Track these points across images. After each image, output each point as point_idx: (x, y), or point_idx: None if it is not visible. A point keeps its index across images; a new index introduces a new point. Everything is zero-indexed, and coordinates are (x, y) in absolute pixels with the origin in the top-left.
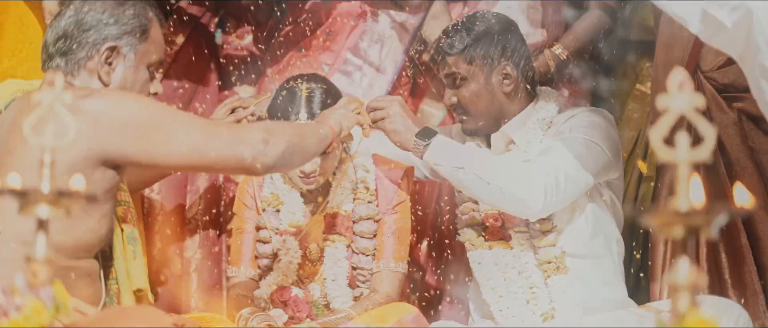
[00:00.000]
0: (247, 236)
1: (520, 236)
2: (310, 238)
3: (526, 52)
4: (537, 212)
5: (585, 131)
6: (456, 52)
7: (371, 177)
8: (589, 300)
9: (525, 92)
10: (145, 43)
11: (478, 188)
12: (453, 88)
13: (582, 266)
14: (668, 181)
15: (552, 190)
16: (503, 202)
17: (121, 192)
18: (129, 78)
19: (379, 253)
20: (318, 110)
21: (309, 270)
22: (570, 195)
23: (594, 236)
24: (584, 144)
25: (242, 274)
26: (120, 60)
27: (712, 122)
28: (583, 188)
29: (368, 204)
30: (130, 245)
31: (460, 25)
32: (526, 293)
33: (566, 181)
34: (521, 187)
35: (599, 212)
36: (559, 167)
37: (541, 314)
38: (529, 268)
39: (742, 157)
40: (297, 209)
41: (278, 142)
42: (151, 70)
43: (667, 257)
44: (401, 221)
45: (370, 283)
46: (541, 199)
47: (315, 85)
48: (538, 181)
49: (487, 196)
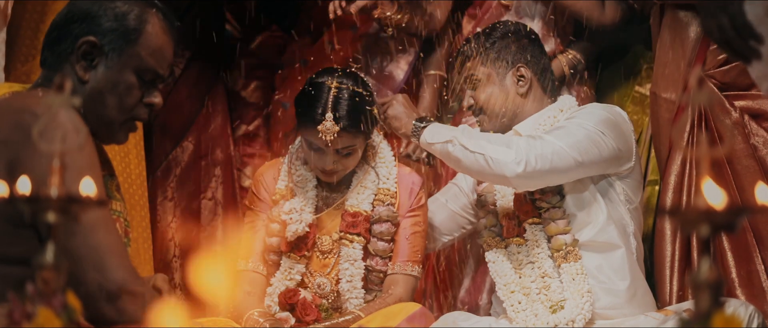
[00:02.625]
0: (258, 230)
1: (534, 227)
2: (323, 230)
3: (544, 58)
4: (518, 176)
5: (585, 118)
6: (474, 56)
7: (393, 179)
8: (599, 289)
9: (542, 95)
10: (135, 46)
11: (466, 157)
12: (471, 90)
13: (594, 254)
14: (673, 183)
15: (535, 157)
16: (488, 169)
17: (114, 202)
18: (110, 79)
19: (395, 255)
20: (343, 112)
21: (319, 263)
22: (556, 167)
23: (607, 226)
24: (578, 126)
25: (251, 268)
26: (102, 58)
27: (716, 121)
28: (573, 166)
29: (388, 206)
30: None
31: (481, 32)
32: (537, 283)
33: (553, 153)
34: (504, 152)
35: (612, 204)
36: (547, 140)
37: (550, 305)
38: (541, 258)
39: (744, 155)
40: (310, 202)
41: None
42: (143, 77)
43: (676, 258)
44: (418, 224)
45: (383, 285)
46: (523, 163)
47: (345, 84)
48: (521, 147)
49: (473, 164)
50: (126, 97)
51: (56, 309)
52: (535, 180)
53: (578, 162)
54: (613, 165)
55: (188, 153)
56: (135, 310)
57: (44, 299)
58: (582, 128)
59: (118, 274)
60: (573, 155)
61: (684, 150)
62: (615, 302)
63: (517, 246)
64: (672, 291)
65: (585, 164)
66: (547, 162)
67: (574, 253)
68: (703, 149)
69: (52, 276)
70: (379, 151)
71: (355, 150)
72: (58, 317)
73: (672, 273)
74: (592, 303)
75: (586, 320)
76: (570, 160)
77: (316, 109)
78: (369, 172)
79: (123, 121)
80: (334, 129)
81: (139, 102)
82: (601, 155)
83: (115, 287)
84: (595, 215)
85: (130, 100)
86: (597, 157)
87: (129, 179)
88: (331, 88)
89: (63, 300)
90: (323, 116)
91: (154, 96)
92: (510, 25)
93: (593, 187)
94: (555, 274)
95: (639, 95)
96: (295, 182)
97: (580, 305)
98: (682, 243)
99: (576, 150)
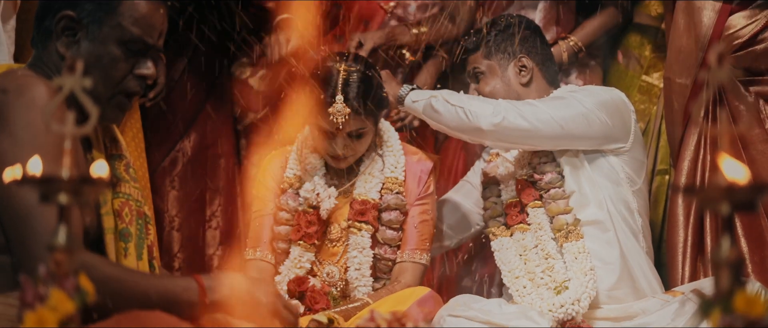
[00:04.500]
0: (266, 219)
1: (536, 210)
2: (331, 218)
3: (545, 49)
4: (494, 126)
5: (583, 94)
6: (476, 49)
7: (401, 167)
8: (604, 269)
9: (544, 85)
10: (115, 17)
11: (446, 111)
12: (475, 83)
13: (596, 233)
14: (686, 168)
15: (515, 115)
16: (466, 121)
17: (123, 183)
18: (92, 54)
19: (403, 244)
20: (353, 94)
21: (328, 251)
22: (537, 130)
23: (610, 206)
24: (574, 98)
25: (259, 257)
26: (83, 32)
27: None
28: (557, 134)
29: (397, 195)
30: (122, 241)
31: (483, 25)
32: (541, 264)
33: (535, 116)
34: (483, 107)
35: (614, 184)
36: (534, 104)
37: (555, 287)
38: (544, 240)
39: (760, 140)
40: (320, 190)
41: None
42: (130, 48)
43: (688, 244)
44: (427, 213)
45: (391, 274)
46: (500, 116)
47: (354, 67)
48: (502, 105)
49: (452, 118)
50: (111, 70)
51: (69, 291)
52: (510, 136)
53: (563, 131)
54: (604, 143)
55: (194, 144)
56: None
57: (56, 281)
58: (577, 101)
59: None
60: (558, 123)
61: (701, 126)
62: (620, 283)
63: (521, 233)
64: (684, 277)
65: (571, 135)
66: (525, 122)
67: (576, 232)
68: (724, 125)
69: (64, 258)
70: (386, 139)
71: (366, 133)
72: (70, 299)
73: (684, 259)
74: (595, 281)
75: (591, 298)
76: (553, 127)
77: (327, 92)
78: (376, 160)
79: (110, 96)
80: (345, 111)
81: (129, 75)
82: (590, 131)
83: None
84: (596, 194)
85: (116, 73)
86: (584, 132)
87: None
88: (341, 72)
89: (75, 282)
90: (334, 99)
91: (145, 67)
92: (512, 18)
93: (593, 167)
94: (558, 255)
95: (646, 84)
96: (304, 170)
97: (584, 283)
98: (694, 229)
99: (562, 119)
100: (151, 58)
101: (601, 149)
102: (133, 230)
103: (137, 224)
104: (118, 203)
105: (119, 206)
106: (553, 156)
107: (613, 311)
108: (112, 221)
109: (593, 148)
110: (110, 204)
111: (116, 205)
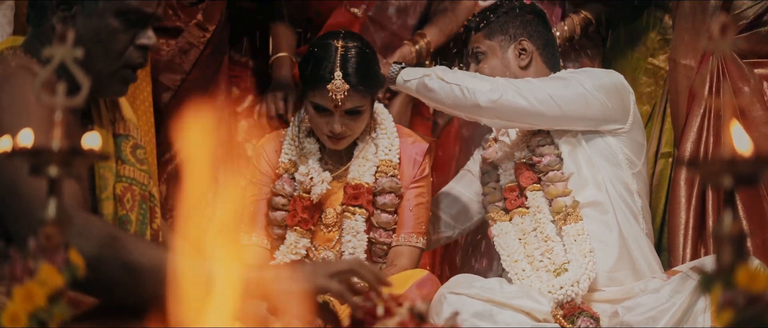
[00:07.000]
0: (260, 204)
1: (535, 193)
2: (326, 203)
3: (547, 34)
4: (492, 102)
5: (582, 75)
6: (478, 30)
7: (395, 150)
8: (603, 251)
9: (544, 69)
10: None
11: (441, 88)
12: (475, 63)
13: (595, 214)
14: (689, 150)
15: (513, 92)
16: (462, 98)
17: (127, 166)
18: (90, 28)
19: (399, 227)
20: (352, 70)
21: (323, 236)
22: (534, 109)
23: (609, 188)
24: (573, 79)
25: (254, 242)
26: (79, 6)
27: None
28: (555, 115)
29: (391, 177)
30: (122, 227)
31: (488, 7)
32: (540, 247)
33: (533, 94)
34: (480, 83)
35: (613, 166)
36: (533, 82)
37: (554, 269)
38: (543, 222)
39: (763, 122)
40: (314, 174)
41: None
42: (129, 19)
43: (690, 227)
44: (422, 196)
45: (387, 257)
46: (498, 93)
47: (351, 43)
48: (500, 82)
49: (448, 95)
50: (111, 43)
51: (58, 265)
52: (507, 114)
53: (561, 110)
54: (602, 123)
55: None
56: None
57: (46, 255)
58: (576, 82)
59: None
60: (556, 102)
61: (704, 106)
62: (620, 264)
63: (520, 217)
64: (685, 259)
65: (569, 115)
66: (523, 100)
67: (575, 214)
68: (727, 96)
69: (55, 232)
70: (380, 122)
71: (363, 111)
72: (60, 274)
73: (685, 241)
74: (595, 263)
75: (590, 280)
76: (551, 107)
77: (325, 69)
78: (370, 143)
79: (114, 70)
80: (343, 87)
81: (130, 46)
82: (589, 111)
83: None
84: (595, 176)
85: (117, 46)
86: (583, 112)
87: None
88: (338, 48)
89: (65, 257)
90: (332, 75)
91: (145, 37)
92: (516, 2)
93: (591, 148)
94: (557, 238)
95: (652, 67)
96: (299, 153)
97: (583, 265)
98: (696, 211)
99: (561, 98)
100: (150, 27)
101: (600, 130)
102: (134, 217)
103: (140, 209)
104: (120, 187)
105: (121, 191)
106: (551, 138)
107: (612, 292)
108: (111, 207)
109: (591, 129)
110: (111, 189)
111: (118, 189)
